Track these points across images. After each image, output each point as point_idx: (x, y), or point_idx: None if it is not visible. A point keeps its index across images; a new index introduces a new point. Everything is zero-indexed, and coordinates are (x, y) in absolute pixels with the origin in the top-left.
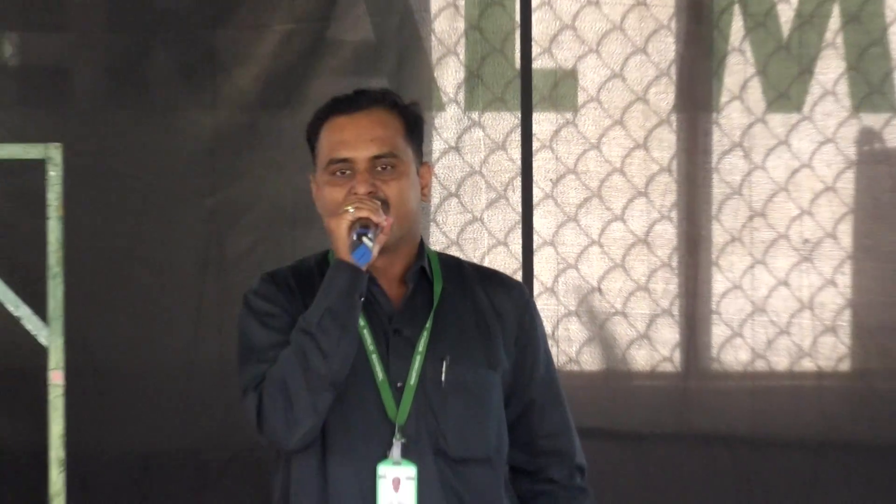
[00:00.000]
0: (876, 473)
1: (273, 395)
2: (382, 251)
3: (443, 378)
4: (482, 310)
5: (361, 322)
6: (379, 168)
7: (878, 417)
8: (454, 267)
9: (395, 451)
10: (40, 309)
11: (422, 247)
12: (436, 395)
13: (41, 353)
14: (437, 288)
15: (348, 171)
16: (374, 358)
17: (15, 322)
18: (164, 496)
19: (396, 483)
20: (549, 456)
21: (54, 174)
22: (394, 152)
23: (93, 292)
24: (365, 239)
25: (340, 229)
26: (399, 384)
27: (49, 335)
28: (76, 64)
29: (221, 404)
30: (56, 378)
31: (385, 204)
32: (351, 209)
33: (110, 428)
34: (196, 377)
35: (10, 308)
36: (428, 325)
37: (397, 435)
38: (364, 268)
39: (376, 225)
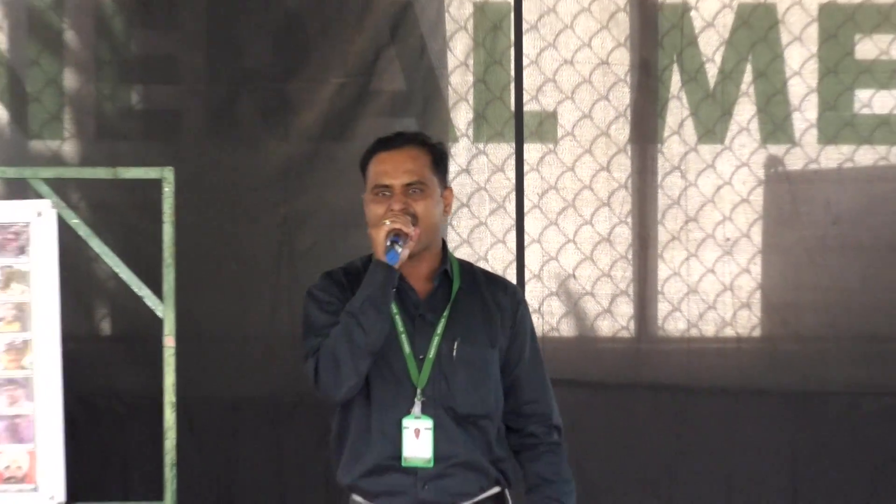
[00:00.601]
0: (779, 412)
1: (325, 361)
2: (411, 255)
3: (454, 354)
4: (487, 304)
5: (394, 308)
6: (410, 191)
7: (781, 371)
8: (469, 271)
9: (417, 408)
10: (157, 290)
11: (445, 252)
12: (448, 366)
13: (158, 322)
14: (455, 286)
15: (388, 193)
16: (403, 337)
17: (138, 300)
18: (249, 431)
19: (417, 432)
20: (531, 417)
21: (168, 190)
22: (422, 180)
23: (195, 277)
24: (396, 245)
25: (379, 237)
26: (421, 357)
27: (164, 309)
28: (184, 108)
29: (291, 361)
30: (169, 342)
31: (414, 218)
32: (388, 222)
33: (208, 379)
34: (272, 341)
35: (135, 289)
36: (446, 313)
37: (418, 395)
38: (396, 266)
39: (406, 234)
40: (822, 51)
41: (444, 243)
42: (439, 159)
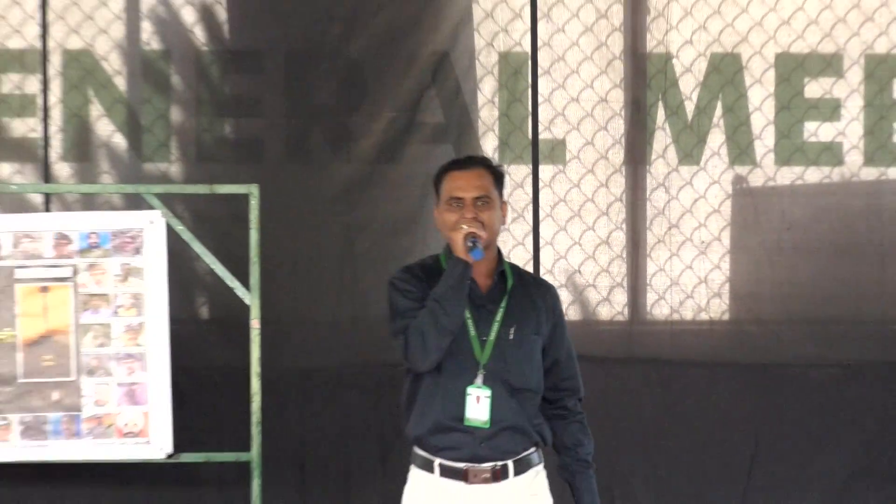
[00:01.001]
0: (744, 381)
1: (415, 339)
2: (486, 247)
3: (511, 337)
4: (534, 300)
5: (468, 297)
6: (479, 203)
7: (746, 348)
8: (518, 273)
9: (479, 379)
10: (245, 283)
11: (500, 256)
12: (506, 348)
13: (246, 309)
14: (510, 283)
15: (460, 204)
16: (469, 322)
17: (230, 291)
18: (318, 396)
19: (478, 399)
20: (565, 391)
21: (254, 203)
22: (488, 195)
23: (275, 273)
24: (477, 245)
25: (458, 239)
26: (483, 338)
27: (251, 298)
28: (267, 137)
29: (353, 339)
30: (254, 324)
31: (481, 225)
32: (465, 227)
33: (286, 354)
34: (337, 323)
35: (228, 282)
36: (503, 304)
37: (480, 370)
38: (472, 262)
39: (478, 237)
40: (778, 91)
41: (499, 249)
42: (499, 179)
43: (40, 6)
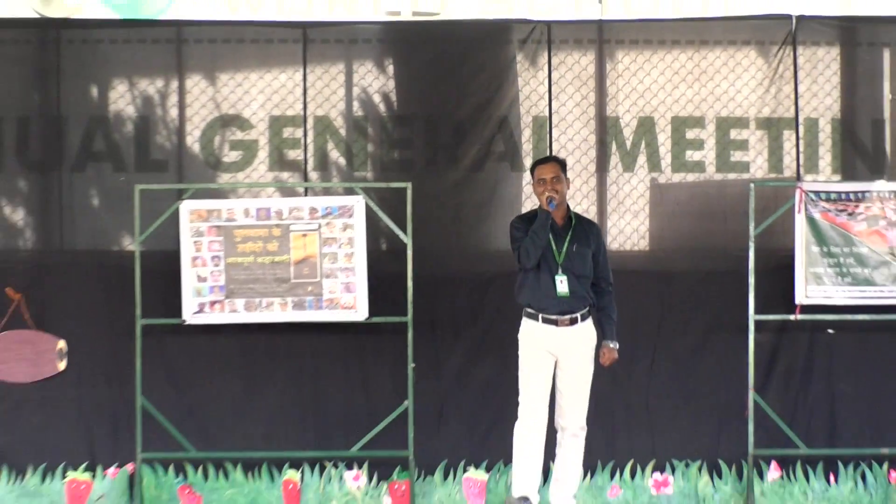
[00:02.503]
0: (652, 281)
1: (523, 252)
2: (558, 206)
3: (574, 249)
4: (586, 231)
5: (551, 232)
6: (554, 180)
7: (656, 262)
8: (578, 217)
9: (559, 270)
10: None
11: (568, 208)
12: (572, 255)
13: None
14: (573, 223)
15: (544, 181)
16: (552, 241)
17: (403, 247)
18: (445, 295)
19: (562, 281)
20: (601, 279)
21: (409, 193)
22: (558, 176)
23: (422, 240)
24: (552, 202)
25: (543, 199)
26: (560, 250)
27: (408, 242)
28: (415, 158)
29: (472, 258)
30: (409, 251)
31: (556, 192)
32: (547, 193)
33: (430, 265)
34: (460, 253)
35: (398, 233)
36: (569, 234)
37: (560, 266)
38: (551, 211)
39: (554, 198)
40: (672, 135)
41: (568, 205)
42: (564, 167)
43: (303, 89)
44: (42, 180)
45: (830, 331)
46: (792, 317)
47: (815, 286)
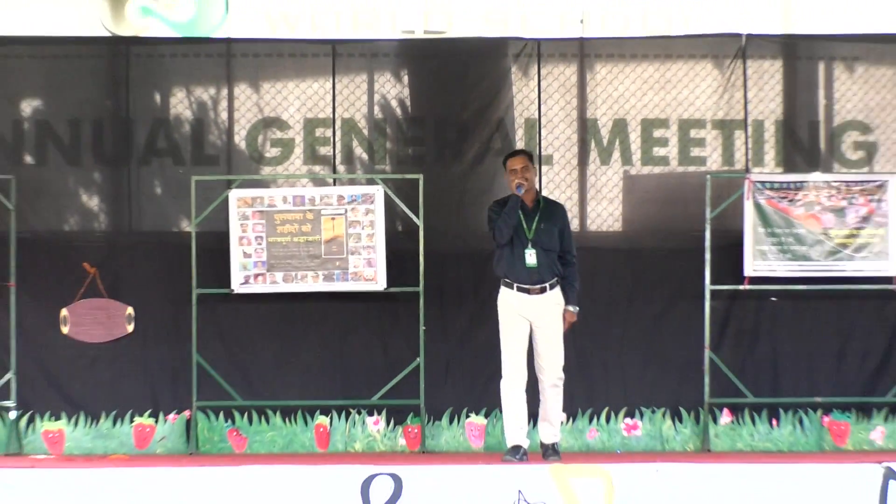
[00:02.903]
0: (621, 254)
1: (497, 230)
2: (525, 191)
3: (542, 227)
4: (552, 211)
5: (520, 212)
6: (523, 169)
7: (627, 239)
8: (546, 199)
9: (529, 245)
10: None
11: (538, 193)
12: (541, 232)
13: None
14: (541, 205)
15: (515, 170)
16: (522, 220)
17: (416, 230)
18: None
19: (531, 255)
20: (566, 254)
21: (421, 184)
22: (527, 166)
23: (433, 221)
24: (520, 189)
25: (513, 185)
26: (530, 227)
27: (420, 223)
28: (426, 154)
29: (473, 232)
30: (420, 229)
31: (525, 179)
32: (517, 180)
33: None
34: (467, 229)
35: (410, 214)
36: (538, 214)
37: (529, 241)
38: (520, 195)
39: (522, 184)
40: (642, 134)
41: (538, 190)
42: (531, 158)
43: (332, 96)
44: (113, 173)
45: (773, 299)
46: (741, 287)
47: (760, 261)
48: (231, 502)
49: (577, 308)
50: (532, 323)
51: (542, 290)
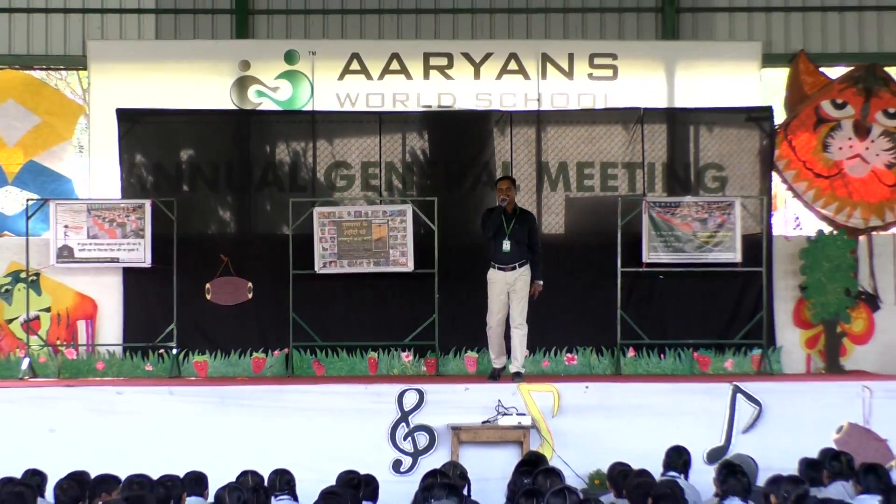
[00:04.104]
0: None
1: (486, 227)
2: (508, 203)
3: (516, 226)
4: (525, 216)
5: (502, 216)
6: (506, 189)
7: (570, 240)
8: (522, 209)
9: (507, 238)
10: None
11: (516, 205)
12: (515, 229)
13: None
14: (518, 212)
15: (503, 189)
16: (503, 221)
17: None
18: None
19: (508, 244)
20: (533, 245)
21: (436, 205)
22: (510, 186)
23: (446, 226)
24: (504, 201)
25: (498, 199)
26: (509, 227)
27: (436, 229)
28: (439, 185)
29: (470, 232)
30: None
31: (509, 196)
32: (502, 195)
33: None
34: (460, 238)
35: (423, 217)
36: (514, 218)
37: (507, 236)
38: (504, 207)
39: (505, 198)
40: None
41: (516, 203)
42: (513, 182)
43: (379, 147)
44: (239, 196)
45: (661, 277)
46: (641, 269)
47: (653, 253)
48: (315, 406)
49: (542, 281)
50: (509, 289)
51: (513, 268)
